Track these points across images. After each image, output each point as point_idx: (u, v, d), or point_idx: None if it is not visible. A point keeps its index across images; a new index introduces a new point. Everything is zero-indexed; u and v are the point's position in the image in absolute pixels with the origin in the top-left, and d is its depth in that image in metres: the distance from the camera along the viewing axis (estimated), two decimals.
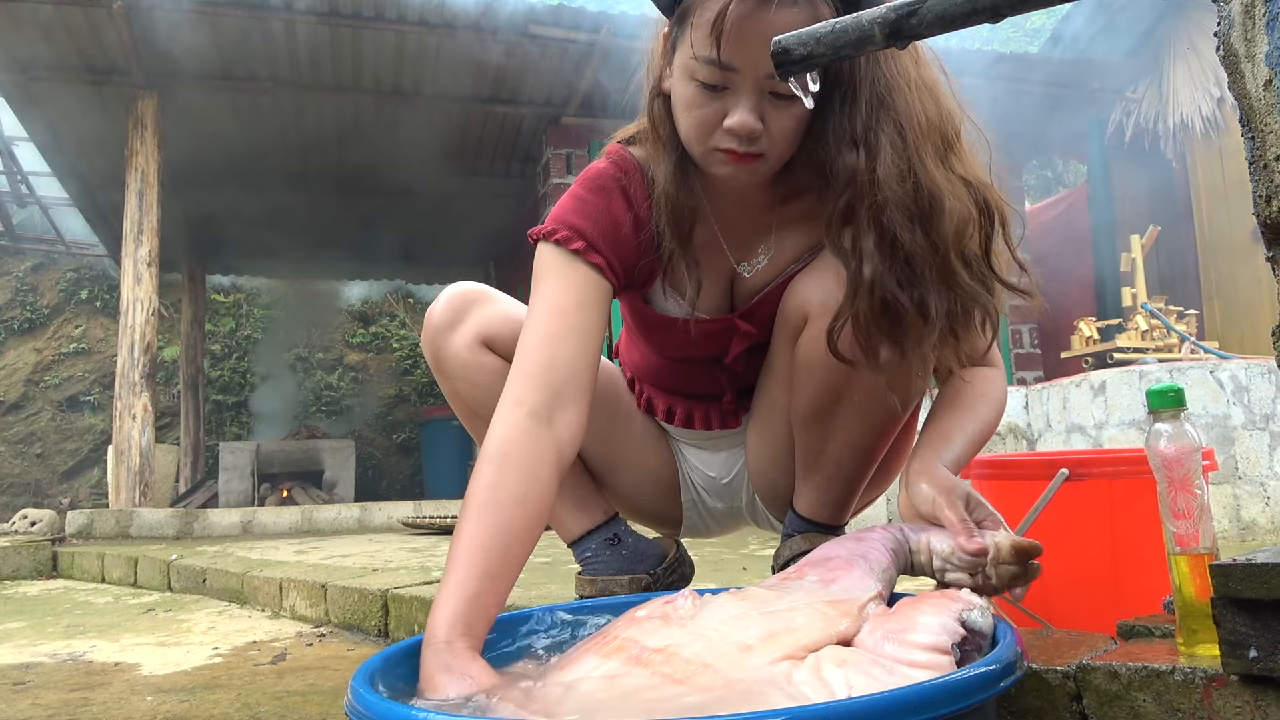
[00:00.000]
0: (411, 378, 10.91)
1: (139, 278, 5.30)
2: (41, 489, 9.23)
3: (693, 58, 1.01)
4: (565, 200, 1.17)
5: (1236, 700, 0.78)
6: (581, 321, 1.07)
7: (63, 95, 5.57)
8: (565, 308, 1.07)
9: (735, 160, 1.04)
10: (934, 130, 1.02)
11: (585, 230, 1.12)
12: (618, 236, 1.14)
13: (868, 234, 0.99)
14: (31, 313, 9.90)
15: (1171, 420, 0.94)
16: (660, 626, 0.82)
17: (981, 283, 1.01)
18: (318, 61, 5.41)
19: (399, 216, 7.70)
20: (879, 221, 0.99)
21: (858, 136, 1.00)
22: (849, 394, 1.13)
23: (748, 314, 1.21)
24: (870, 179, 0.99)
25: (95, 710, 1.49)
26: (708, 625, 0.81)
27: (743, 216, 1.19)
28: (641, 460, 1.39)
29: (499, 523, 0.91)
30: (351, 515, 5.15)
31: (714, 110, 1.02)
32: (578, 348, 1.04)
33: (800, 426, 1.20)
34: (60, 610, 2.85)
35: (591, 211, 1.15)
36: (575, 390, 1.03)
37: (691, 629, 0.80)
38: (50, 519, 4.78)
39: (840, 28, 0.78)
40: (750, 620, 0.80)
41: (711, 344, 1.24)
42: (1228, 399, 3.35)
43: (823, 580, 0.87)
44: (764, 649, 0.74)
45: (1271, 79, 0.72)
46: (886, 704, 0.62)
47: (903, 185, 0.98)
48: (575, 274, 1.10)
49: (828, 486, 1.23)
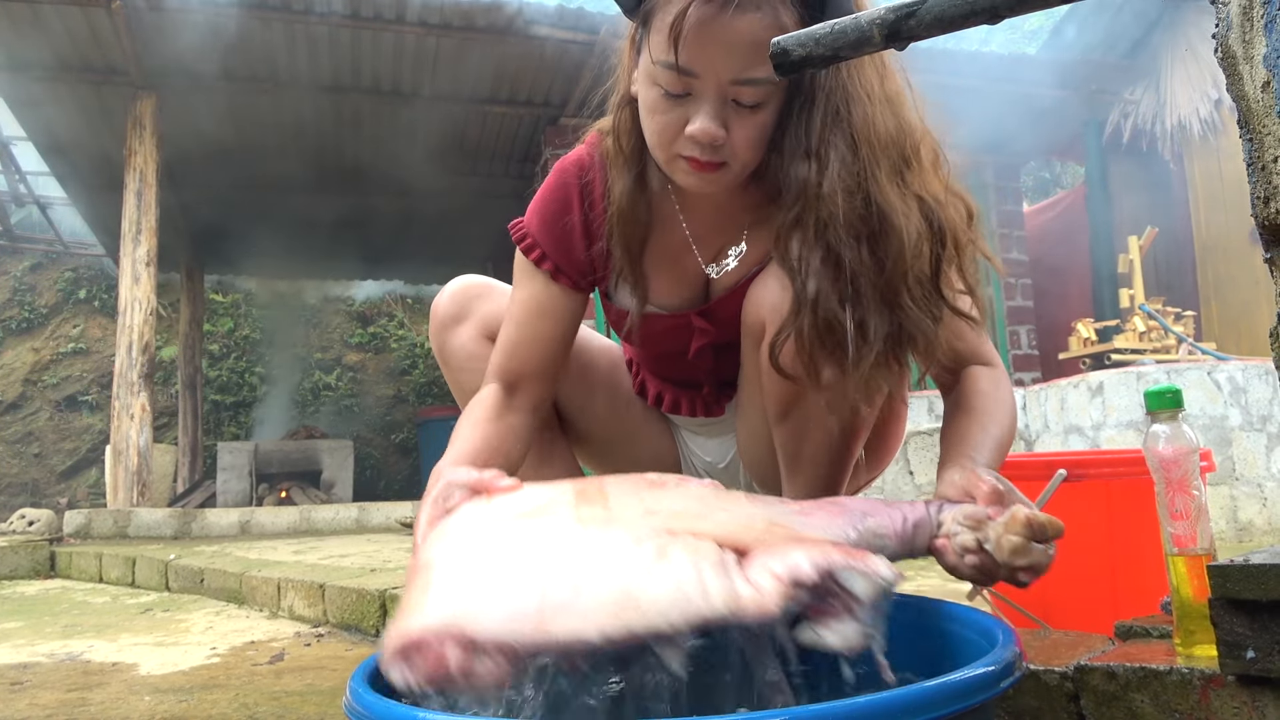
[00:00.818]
0: (410, 378, 10.90)
1: (137, 277, 5.29)
2: (39, 489, 9.22)
3: (653, 63, 0.99)
4: (538, 195, 1.22)
5: (1234, 701, 0.79)
6: (537, 330, 1.19)
7: (61, 95, 5.57)
8: (523, 318, 1.20)
9: (698, 169, 1.02)
10: (891, 145, 0.99)
11: (541, 239, 1.20)
12: (569, 243, 1.19)
13: (814, 249, 0.98)
14: (29, 312, 9.89)
15: (1169, 421, 0.94)
16: (631, 485, 0.86)
17: (925, 307, 0.98)
18: (317, 62, 5.41)
19: (397, 217, 7.70)
20: (824, 237, 0.97)
21: (810, 148, 0.99)
22: (813, 398, 1.12)
23: (706, 312, 1.21)
24: (817, 192, 0.97)
25: (93, 710, 1.49)
26: (663, 495, 0.83)
27: (715, 218, 1.18)
28: (643, 443, 1.41)
29: (465, 432, 1.12)
30: (350, 515, 5.14)
31: (676, 117, 1.00)
32: (530, 353, 1.19)
33: (774, 427, 1.20)
34: (58, 610, 2.85)
35: (549, 215, 1.20)
36: (529, 381, 1.19)
37: (644, 493, 0.83)
38: (48, 519, 4.77)
39: (839, 29, 0.78)
40: (690, 503, 0.81)
41: (670, 339, 1.24)
42: (1225, 400, 3.35)
43: (802, 511, 0.86)
44: (664, 520, 0.75)
45: (1270, 81, 0.72)
46: (886, 704, 0.62)
47: (850, 201, 0.96)
48: (534, 282, 1.21)
49: (811, 484, 1.23)
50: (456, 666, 0.64)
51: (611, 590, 0.66)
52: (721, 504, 0.82)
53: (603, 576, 0.67)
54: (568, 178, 1.20)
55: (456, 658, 0.64)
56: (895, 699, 0.63)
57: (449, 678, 0.65)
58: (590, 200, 1.18)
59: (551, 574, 0.68)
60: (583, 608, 0.65)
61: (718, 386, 1.30)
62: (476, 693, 0.65)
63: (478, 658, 0.64)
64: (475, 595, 0.68)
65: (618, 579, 0.67)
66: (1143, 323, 4.35)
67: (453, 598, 0.69)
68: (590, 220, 1.18)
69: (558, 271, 1.19)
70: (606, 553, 0.70)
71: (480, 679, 0.64)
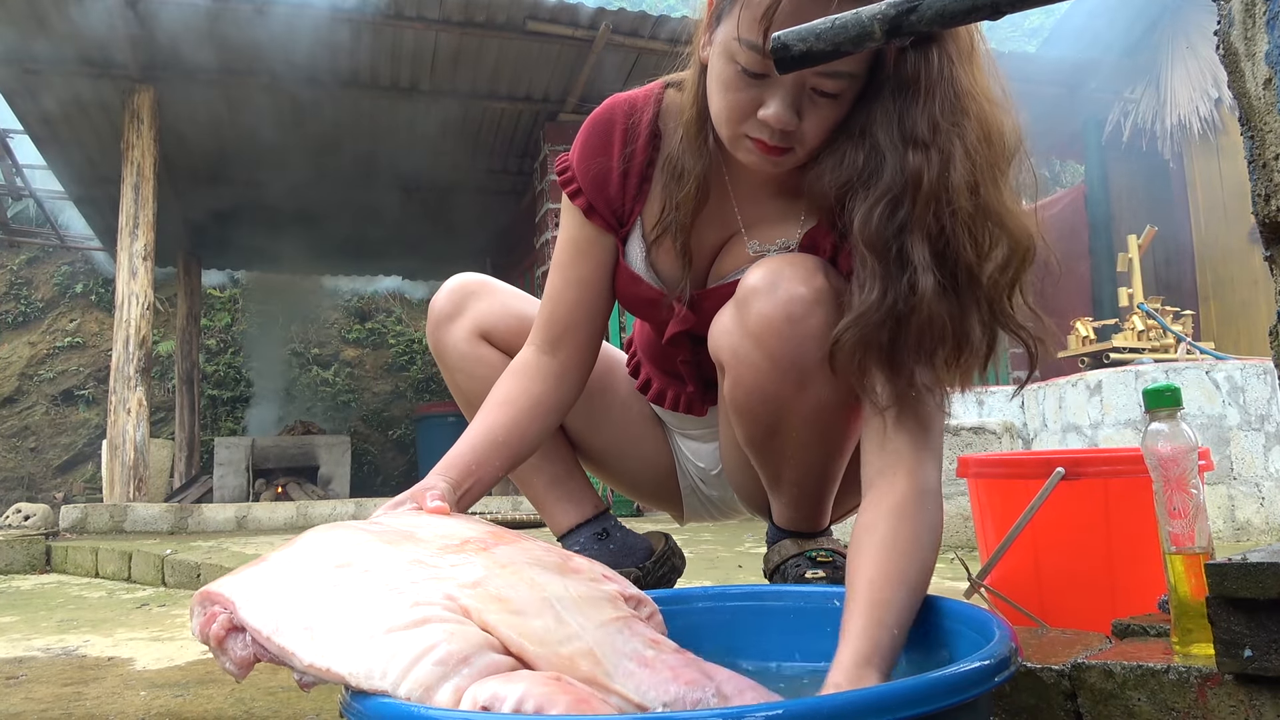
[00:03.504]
0: (407, 374, 10.90)
1: (134, 272, 5.28)
2: (35, 483, 9.21)
3: (736, 39, 0.95)
4: (583, 126, 1.19)
5: (1231, 700, 0.79)
6: (578, 274, 1.19)
7: (58, 87, 5.56)
8: (565, 262, 1.20)
9: (764, 150, 1.00)
10: (1003, 146, 0.95)
11: (578, 172, 1.17)
12: (605, 180, 1.16)
13: (921, 244, 0.91)
14: (26, 306, 9.88)
15: (1168, 420, 0.94)
16: (536, 556, 0.85)
17: (1009, 321, 0.94)
18: (315, 56, 5.40)
19: (396, 212, 7.69)
20: (938, 233, 0.91)
21: (924, 139, 0.92)
22: (784, 428, 1.09)
23: (692, 299, 1.16)
24: (938, 186, 0.91)
25: (88, 705, 1.48)
26: (545, 582, 0.79)
27: (766, 195, 1.13)
28: (639, 448, 1.40)
29: (486, 416, 1.13)
30: (346, 511, 5.14)
31: (750, 98, 0.97)
32: (575, 298, 1.19)
33: (750, 455, 1.17)
34: (54, 605, 2.84)
35: (590, 149, 1.17)
36: (573, 333, 1.18)
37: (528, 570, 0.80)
38: (44, 513, 4.77)
39: (840, 23, 0.77)
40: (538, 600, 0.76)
41: (649, 312, 1.22)
42: (1223, 399, 3.36)
43: (643, 661, 0.75)
44: (481, 601, 0.73)
45: (1271, 78, 0.72)
46: (880, 697, 0.62)
47: (973, 199, 0.91)
48: (573, 220, 1.19)
49: (795, 504, 1.21)
50: (215, 634, 0.74)
51: (343, 631, 0.69)
52: (570, 613, 0.76)
53: (353, 618, 0.70)
54: (615, 114, 1.16)
55: (221, 626, 0.74)
56: (890, 692, 0.63)
57: (208, 639, 0.74)
58: (633, 142, 1.15)
59: (328, 597, 0.73)
60: (320, 634, 0.70)
61: (703, 385, 1.26)
62: (231, 663, 0.74)
63: (234, 635, 0.74)
64: (264, 586, 0.76)
65: (360, 626, 0.69)
66: (1141, 321, 4.35)
67: (251, 582, 0.77)
68: (629, 162, 1.15)
69: (591, 210, 1.17)
70: (379, 601, 0.72)
71: (232, 653, 0.73)
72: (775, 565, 1.25)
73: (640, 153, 1.15)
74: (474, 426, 1.12)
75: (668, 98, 1.16)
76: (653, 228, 1.16)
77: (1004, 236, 0.92)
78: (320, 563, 0.78)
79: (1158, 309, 4.39)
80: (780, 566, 1.24)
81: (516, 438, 1.13)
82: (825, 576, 1.20)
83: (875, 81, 0.97)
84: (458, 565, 0.78)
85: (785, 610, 1.03)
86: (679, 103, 1.13)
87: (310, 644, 0.69)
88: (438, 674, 0.65)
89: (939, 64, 0.93)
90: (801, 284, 1.01)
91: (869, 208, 0.94)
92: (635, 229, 1.18)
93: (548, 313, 1.19)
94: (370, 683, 0.65)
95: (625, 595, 0.85)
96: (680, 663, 0.77)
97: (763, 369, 1.04)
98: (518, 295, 1.35)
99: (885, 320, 0.91)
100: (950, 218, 0.90)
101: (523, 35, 5.22)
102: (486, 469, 1.09)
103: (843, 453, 1.15)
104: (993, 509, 1.42)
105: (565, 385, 1.19)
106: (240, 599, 0.74)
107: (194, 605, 0.77)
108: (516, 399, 1.14)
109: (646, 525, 2.47)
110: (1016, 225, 0.93)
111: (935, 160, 0.91)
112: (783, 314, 1.01)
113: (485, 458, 1.09)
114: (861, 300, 0.92)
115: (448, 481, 1.03)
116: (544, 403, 1.16)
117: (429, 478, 1.04)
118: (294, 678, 0.71)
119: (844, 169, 0.98)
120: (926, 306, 0.90)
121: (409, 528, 0.87)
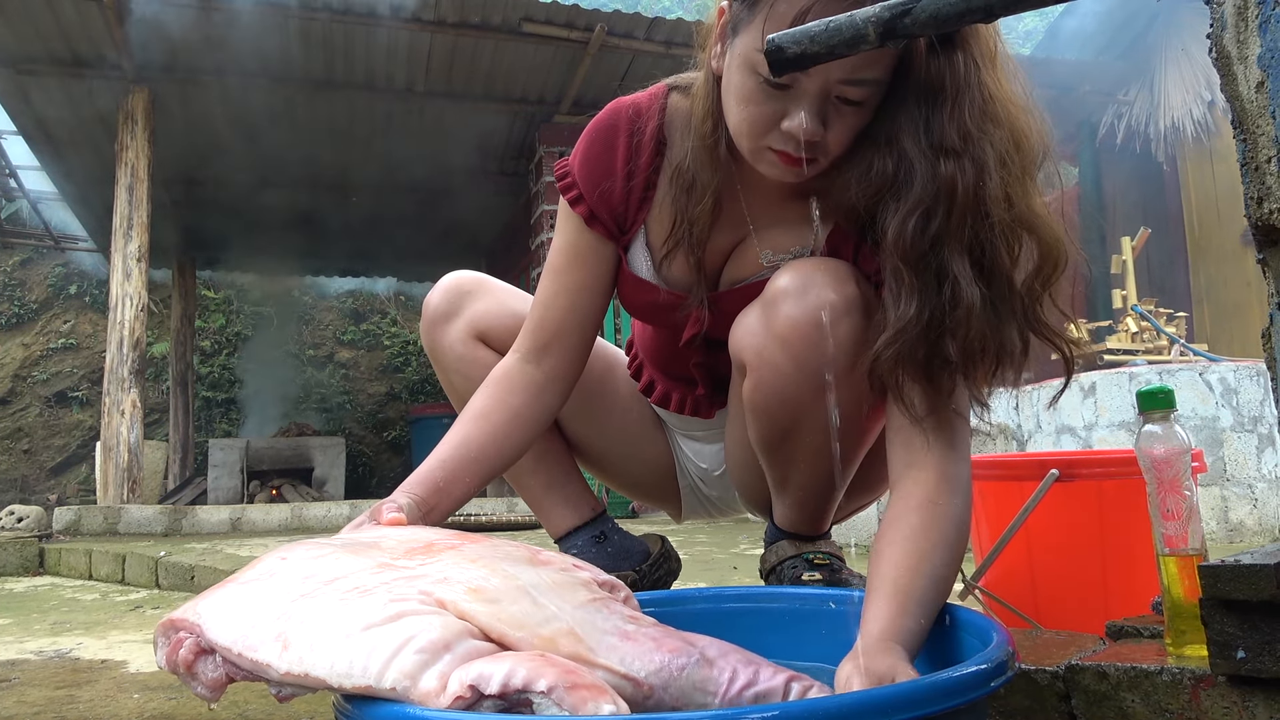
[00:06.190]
0: (402, 375, 10.88)
1: (128, 273, 5.27)
2: (29, 485, 9.18)
3: (759, 50, 0.90)
4: (585, 131, 1.16)
5: (1224, 701, 0.79)
6: (573, 280, 1.16)
7: (52, 88, 5.54)
8: (560, 267, 1.17)
9: (788, 162, 0.97)
10: (1031, 153, 0.93)
11: (579, 177, 1.14)
12: (608, 187, 1.13)
13: (960, 256, 0.89)
14: (19, 307, 9.84)
15: (1161, 422, 0.95)
16: (504, 552, 0.84)
17: (1045, 329, 0.93)
18: (310, 57, 5.39)
19: (390, 213, 7.68)
20: (975, 245, 0.89)
21: (955, 147, 0.90)
22: (800, 432, 1.08)
23: (710, 300, 1.15)
24: (973, 195, 0.89)
25: (81, 708, 1.48)
26: (517, 573, 0.79)
27: (778, 203, 1.12)
28: (640, 449, 1.39)
29: (460, 429, 1.10)
30: (341, 513, 5.13)
31: (773, 110, 0.95)
32: (568, 305, 1.16)
33: (760, 455, 1.16)
34: (47, 607, 2.83)
35: (592, 154, 1.14)
36: (562, 340, 1.15)
37: (501, 563, 0.80)
38: (37, 515, 4.75)
39: (834, 26, 0.78)
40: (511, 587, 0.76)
41: (663, 317, 1.20)
42: (1217, 401, 3.37)
43: (624, 635, 0.76)
44: (453, 591, 0.73)
45: (1264, 80, 0.72)
46: (878, 700, 0.62)
47: (1010, 210, 0.89)
48: (570, 226, 1.17)
49: (800, 506, 1.20)
50: (183, 660, 0.72)
51: (318, 635, 0.68)
52: (546, 597, 0.76)
53: (327, 621, 0.69)
54: (619, 121, 1.13)
55: (189, 650, 0.72)
56: (887, 695, 0.63)
57: (176, 666, 0.72)
58: (638, 151, 1.12)
59: (298, 606, 0.71)
60: (294, 642, 0.68)
61: (712, 388, 1.25)
62: (203, 686, 0.72)
63: (203, 658, 0.72)
64: (229, 605, 0.74)
65: (336, 627, 0.68)
66: (1135, 323, 4.36)
67: (215, 603, 0.74)
68: (634, 171, 1.12)
69: (592, 218, 1.14)
70: (353, 603, 0.70)
71: (203, 677, 0.72)
72: (772, 566, 1.25)
73: (645, 162, 1.12)
74: (447, 440, 1.09)
75: (672, 102, 1.13)
76: (664, 240, 1.13)
77: (1036, 243, 0.91)
78: (286, 577, 0.76)
79: (1151, 311, 4.40)
80: (777, 567, 1.24)
81: (492, 453, 1.10)
82: (822, 579, 1.20)
83: (899, 86, 0.95)
84: (427, 564, 0.77)
85: (782, 612, 1.03)
86: (683, 108, 1.12)
87: (284, 653, 0.67)
88: (420, 661, 0.64)
89: (965, 68, 0.91)
90: (833, 290, 1.00)
91: (901, 220, 0.91)
92: (638, 237, 1.16)
93: (537, 318, 1.16)
94: (351, 680, 0.64)
95: (599, 581, 0.85)
96: (661, 634, 0.77)
97: (786, 372, 1.03)
98: (515, 294, 1.34)
99: (924, 335, 0.89)
100: (988, 230, 0.89)
101: (518, 37, 5.22)
102: (458, 485, 1.06)
103: (854, 461, 1.14)
104: (987, 510, 1.42)
105: (547, 396, 1.15)
106: (206, 620, 0.72)
107: (157, 636, 0.75)
108: (492, 412, 1.11)
109: (642, 527, 2.47)
110: (1048, 231, 0.91)
111: (969, 170, 0.89)
112: (812, 319, 0.99)
113: (456, 474, 1.06)
114: (899, 316, 0.90)
115: (412, 498, 1.00)
116: (522, 415, 1.13)
117: (394, 494, 1.01)
118: (270, 691, 0.69)
119: (873, 179, 0.95)
120: (972, 321, 0.88)
121: (372, 539, 0.86)
